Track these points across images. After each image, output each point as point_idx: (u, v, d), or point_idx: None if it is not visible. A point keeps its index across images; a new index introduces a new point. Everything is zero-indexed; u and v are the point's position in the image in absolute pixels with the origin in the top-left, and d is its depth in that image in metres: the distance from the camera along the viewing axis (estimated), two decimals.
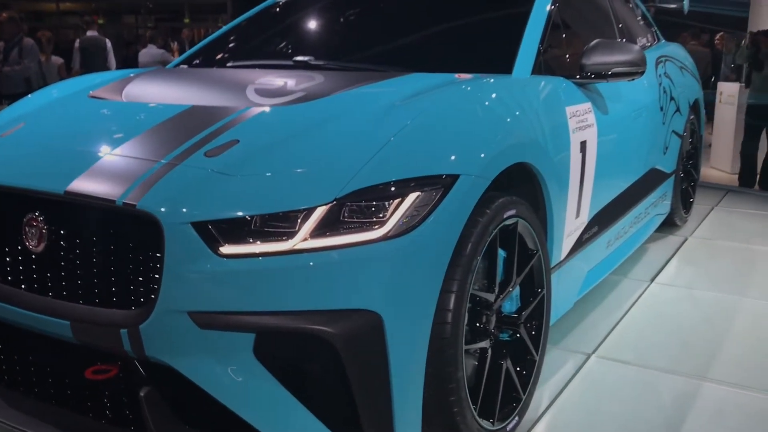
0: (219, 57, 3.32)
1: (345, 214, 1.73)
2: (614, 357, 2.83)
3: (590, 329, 3.08)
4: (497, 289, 2.14)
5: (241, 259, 1.68)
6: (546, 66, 2.69)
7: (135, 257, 1.77)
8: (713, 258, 4.23)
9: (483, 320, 2.10)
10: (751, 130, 6.96)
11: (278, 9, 3.56)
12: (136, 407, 1.83)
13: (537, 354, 2.34)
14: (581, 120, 2.65)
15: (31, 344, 2.04)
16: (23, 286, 1.95)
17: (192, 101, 2.33)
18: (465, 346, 1.95)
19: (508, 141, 2.16)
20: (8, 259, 1.98)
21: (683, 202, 4.66)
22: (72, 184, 1.84)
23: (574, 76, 2.74)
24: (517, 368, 2.26)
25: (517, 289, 2.31)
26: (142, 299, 1.76)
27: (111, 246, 1.80)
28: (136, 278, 1.77)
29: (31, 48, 6.90)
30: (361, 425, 1.75)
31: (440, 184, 1.84)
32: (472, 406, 2.00)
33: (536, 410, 2.40)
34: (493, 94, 2.30)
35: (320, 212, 1.70)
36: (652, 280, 3.74)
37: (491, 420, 2.10)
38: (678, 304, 3.46)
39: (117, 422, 1.92)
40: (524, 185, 2.35)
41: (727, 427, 2.36)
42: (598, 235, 3.03)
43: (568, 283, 2.75)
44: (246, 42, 3.46)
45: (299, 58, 2.84)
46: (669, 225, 4.59)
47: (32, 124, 2.34)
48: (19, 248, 1.94)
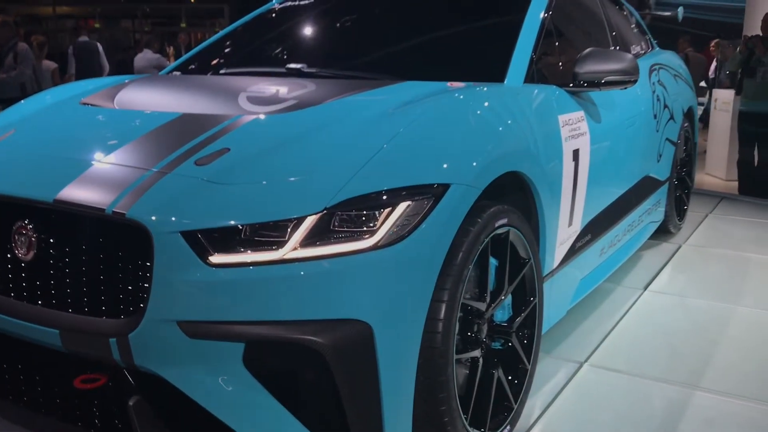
0: (213, 63, 3.32)
1: (335, 224, 1.72)
2: (607, 366, 2.83)
3: (583, 337, 3.08)
4: (489, 298, 2.13)
5: (231, 269, 1.67)
6: (539, 74, 2.70)
7: (125, 266, 1.76)
8: (707, 266, 4.23)
9: (474, 329, 2.10)
10: (746, 138, 6.90)
11: (273, 15, 3.56)
12: (125, 416, 1.82)
13: (529, 363, 2.34)
14: (574, 128, 2.66)
15: (20, 353, 2.03)
16: (12, 295, 1.94)
17: (184, 109, 2.32)
18: (456, 356, 1.95)
19: (500, 150, 2.16)
20: None
21: (677, 210, 4.67)
22: (61, 193, 1.83)
23: (567, 85, 2.74)
24: (509, 377, 2.26)
25: (509, 298, 2.30)
26: (132, 308, 1.75)
27: (101, 254, 1.80)
28: (126, 287, 1.76)
29: (26, 53, 6.90)
30: None
31: (431, 194, 1.84)
32: (463, 416, 1.99)
33: (528, 419, 2.40)
34: (486, 103, 2.30)
35: (310, 221, 1.70)
36: (646, 288, 3.75)
37: (482, 429, 2.10)
38: (671, 312, 3.46)
39: (106, 431, 1.90)
40: (516, 194, 2.35)
41: None
42: (591, 243, 3.03)
43: (561, 292, 2.75)
44: (240, 48, 3.46)
45: (292, 66, 2.85)
46: (663, 232, 4.59)
47: (22, 131, 2.33)
48: (9, 256, 1.93)
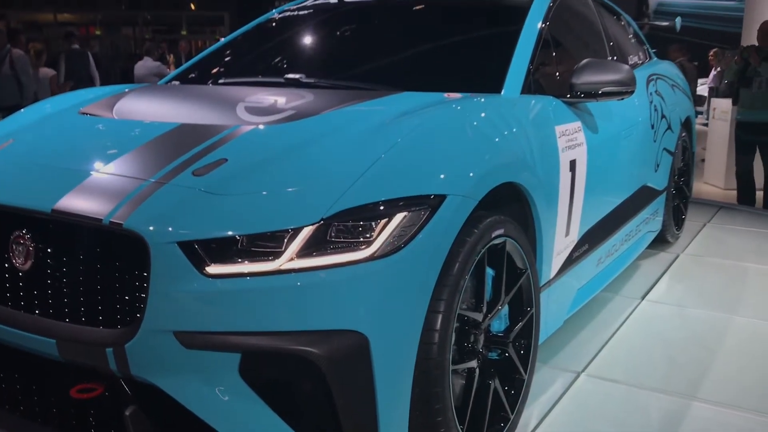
0: (212, 72, 3.33)
1: (332, 234, 1.73)
2: (604, 375, 2.83)
3: (580, 347, 3.08)
4: (485, 309, 2.14)
5: (227, 279, 1.68)
6: (536, 85, 2.71)
7: (121, 276, 1.76)
8: (705, 275, 4.23)
9: (471, 340, 2.10)
10: (744, 148, 6.90)
11: (273, 25, 3.58)
12: (122, 426, 1.82)
13: (526, 373, 2.34)
14: (571, 139, 2.66)
15: (17, 362, 2.03)
16: (9, 304, 1.94)
17: (182, 119, 2.33)
18: (453, 366, 1.95)
19: (497, 161, 2.17)
20: None
21: (675, 219, 4.67)
22: (59, 203, 1.84)
23: (564, 96, 2.75)
24: (506, 387, 2.26)
25: (506, 308, 2.31)
26: (128, 318, 1.76)
27: (98, 264, 1.80)
28: (123, 297, 1.76)
29: (22, 59, 6.87)
30: None
31: (428, 204, 1.85)
32: (459, 426, 1.99)
33: (524, 429, 2.40)
34: (482, 114, 2.31)
35: (307, 232, 1.70)
36: (643, 298, 3.75)
37: None
38: (669, 322, 3.46)
39: None
40: (513, 204, 2.36)
41: None
42: (589, 253, 3.03)
43: (558, 301, 2.75)
44: (239, 58, 3.47)
45: (290, 76, 2.86)
46: (661, 242, 4.60)
47: (21, 141, 2.34)
48: (6, 266, 1.94)
